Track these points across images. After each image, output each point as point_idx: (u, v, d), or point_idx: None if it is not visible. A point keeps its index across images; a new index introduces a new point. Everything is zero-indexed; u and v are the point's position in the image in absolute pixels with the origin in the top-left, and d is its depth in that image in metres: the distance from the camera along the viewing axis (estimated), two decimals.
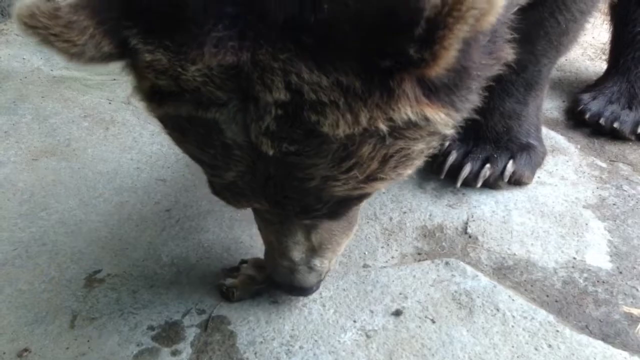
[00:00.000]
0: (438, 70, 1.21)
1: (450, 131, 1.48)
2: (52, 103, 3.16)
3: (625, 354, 1.90)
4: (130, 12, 1.32)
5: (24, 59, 3.56)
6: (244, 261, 2.15)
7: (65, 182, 2.62)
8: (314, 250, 1.85)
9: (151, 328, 1.99)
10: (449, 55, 1.17)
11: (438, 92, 1.36)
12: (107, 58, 1.36)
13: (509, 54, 1.54)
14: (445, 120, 1.40)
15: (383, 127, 1.34)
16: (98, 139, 2.90)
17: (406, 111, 1.33)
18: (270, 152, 1.38)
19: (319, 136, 1.34)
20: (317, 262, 1.88)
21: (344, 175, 1.46)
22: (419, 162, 1.59)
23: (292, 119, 1.32)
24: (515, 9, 1.65)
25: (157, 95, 1.42)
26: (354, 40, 1.23)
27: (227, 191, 1.63)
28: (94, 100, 3.17)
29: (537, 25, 2.27)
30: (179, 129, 1.51)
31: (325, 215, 1.67)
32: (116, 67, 1.44)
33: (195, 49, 1.29)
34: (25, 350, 1.92)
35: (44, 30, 1.25)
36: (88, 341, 1.95)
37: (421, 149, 1.52)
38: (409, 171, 1.58)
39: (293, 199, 1.56)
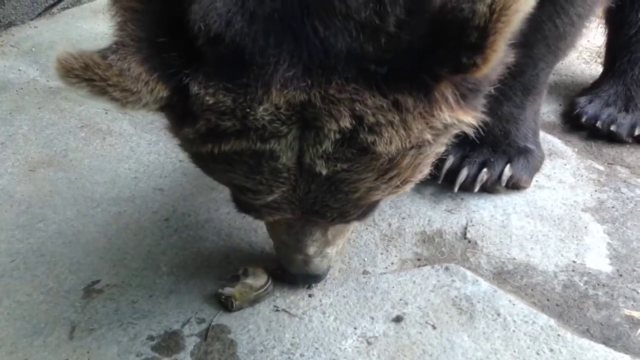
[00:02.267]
0: (486, 71, 1.31)
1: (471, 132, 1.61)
2: (49, 114, 3.15)
3: (627, 357, 1.90)
4: (188, 58, 1.37)
5: (20, 70, 3.56)
6: (245, 269, 2.14)
7: (62, 192, 2.61)
8: (328, 243, 1.96)
9: (151, 338, 1.98)
10: (498, 57, 1.27)
11: (466, 97, 1.48)
12: (160, 102, 1.40)
13: (511, 58, 1.59)
14: (470, 123, 1.53)
15: (429, 136, 1.47)
16: (95, 149, 2.90)
17: (445, 117, 1.45)
18: (324, 172, 1.49)
19: (372, 153, 1.45)
20: (328, 250, 2.00)
21: (385, 185, 1.59)
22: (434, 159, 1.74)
23: (349, 141, 1.42)
24: None
25: (214, 135, 1.46)
26: (409, 63, 1.35)
27: (264, 208, 1.69)
28: (91, 111, 3.16)
29: (535, 30, 2.27)
30: (227, 162, 1.55)
31: (357, 218, 1.80)
32: None
33: (261, 88, 1.36)
34: None
35: (101, 81, 1.26)
36: (87, 352, 1.94)
37: (440, 151, 1.68)
38: (427, 171, 1.75)
39: (333, 208, 1.67)
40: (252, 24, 1.35)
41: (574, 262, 2.24)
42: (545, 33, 2.29)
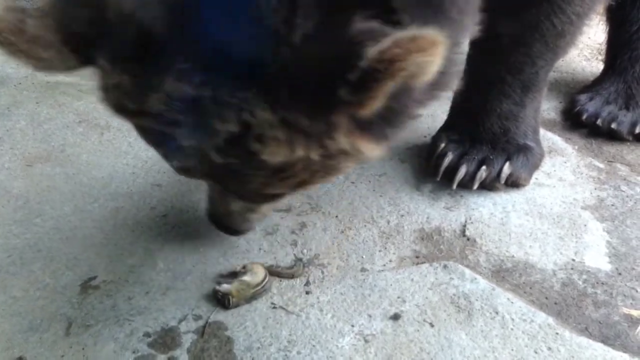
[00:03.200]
0: (367, 113, 1.30)
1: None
2: (47, 109, 3.13)
3: (625, 356, 1.89)
4: (98, 35, 1.38)
5: (17, 64, 3.53)
6: (244, 266, 2.13)
7: (60, 188, 2.60)
8: (250, 208, 2.05)
9: (147, 335, 1.98)
10: (376, 104, 1.26)
11: (371, 127, 1.45)
12: (73, 69, 1.44)
13: (455, 85, 1.61)
14: (375, 151, 1.51)
15: (315, 157, 1.46)
16: (93, 144, 2.88)
17: (340, 142, 1.43)
18: (217, 161, 1.50)
19: (260, 157, 1.46)
20: (252, 215, 2.09)
21: (279, 183, 1.63)
22: (347, 171, 1.80)
23: (238, 143, 1.42)
24: (467, 42, 1.72)
25: (121, 110, 1.50)
26: (306, 81, 1.31)
27: (177, 169, 1.74)
28: (89, 106, 3.14)
29: (532, 28, 2.26)
30: (137, 129, 1.62)
31: (264, 202, 1.93)
32: None
33: (158, 77, 1.36)
34: (20, 358, 1.90)
35: (10, 45, 1.32)
36: (83, 349, 1.93)
37: (348, 166, 1.67)
38: (335, 178, 1.84)
39: (235, 189, 1.79)
40: (165, 10, 1.33)
41: (573, 260, 2.23)
42: (543, 32, 2.27)
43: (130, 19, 1.34)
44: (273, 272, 2.14)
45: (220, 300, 2.05)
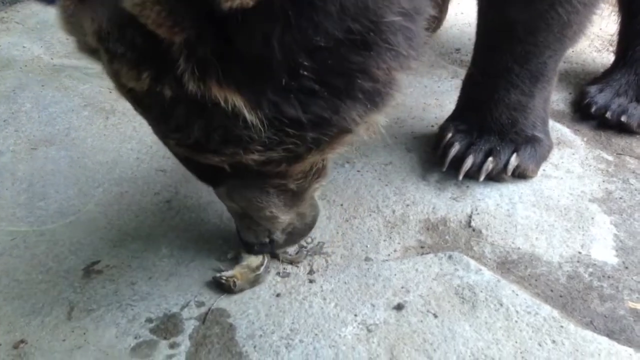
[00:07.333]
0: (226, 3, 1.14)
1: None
2: (52, 92, 3.13)
3: (630, 350, 1.87)
4: None
5: (24, 47, 3.53)
6: (239, 252, 2.13)
7: (64, 171, 2.59)
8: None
9: (149, 320, 1.97)
10: None
11: (234, 75, 1.31)
12: None
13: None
14: (246, 107, 1.35)
15: (167, 92, 1.35)
16: (98, 128, 2.87)
17: (191, 86, 1.31)
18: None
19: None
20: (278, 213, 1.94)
21: (174, 135, 1.52)
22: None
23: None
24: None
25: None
26: None
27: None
28: (94, 89, 3.13)
29: (538, 18, 2.22)
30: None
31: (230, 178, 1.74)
32: None
33: None
34: (22, 341, 1.90)
35: None
36: (85, 333, 1.93)
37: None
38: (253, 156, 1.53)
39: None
40: None
41: (579, 253, 2.21)
42: (549, 21, 2.23)
43: None
44: (273, 255, 2.14)
45: (225, 285, 2.03)
